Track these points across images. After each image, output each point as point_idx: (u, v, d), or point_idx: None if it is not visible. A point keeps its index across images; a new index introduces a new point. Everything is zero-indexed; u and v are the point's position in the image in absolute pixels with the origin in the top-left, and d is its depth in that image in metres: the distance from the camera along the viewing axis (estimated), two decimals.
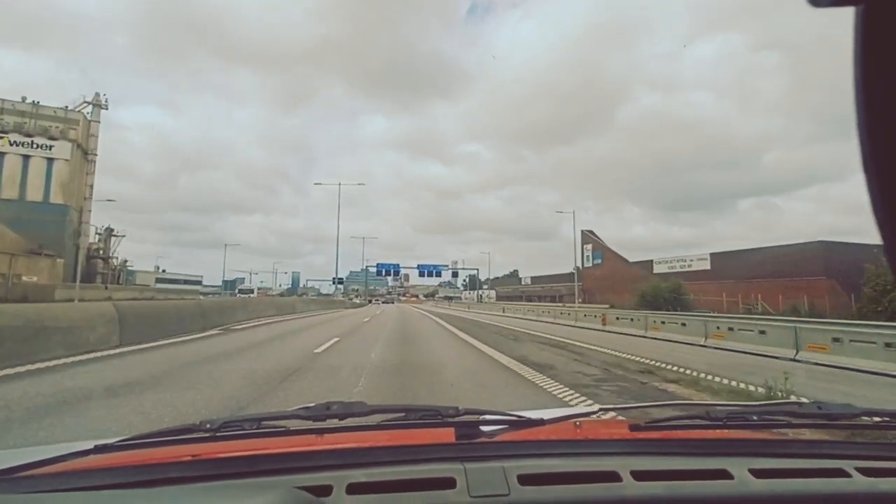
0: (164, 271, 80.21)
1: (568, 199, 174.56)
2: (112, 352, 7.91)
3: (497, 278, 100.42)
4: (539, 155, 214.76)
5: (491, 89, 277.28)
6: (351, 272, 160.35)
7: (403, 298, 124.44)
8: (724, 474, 0.90)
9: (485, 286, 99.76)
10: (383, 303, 77.94)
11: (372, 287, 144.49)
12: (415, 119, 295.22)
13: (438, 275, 68.37)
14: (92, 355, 7.40)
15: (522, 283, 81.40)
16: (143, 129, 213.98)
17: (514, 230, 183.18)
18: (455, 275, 75.27)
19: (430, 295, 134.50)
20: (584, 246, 54.63)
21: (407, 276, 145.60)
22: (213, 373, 6.30)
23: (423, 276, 65.37)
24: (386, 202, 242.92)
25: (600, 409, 1.39)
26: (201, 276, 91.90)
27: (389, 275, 65.42)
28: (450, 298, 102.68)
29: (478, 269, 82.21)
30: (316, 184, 69.25)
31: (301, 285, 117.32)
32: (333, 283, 58.26)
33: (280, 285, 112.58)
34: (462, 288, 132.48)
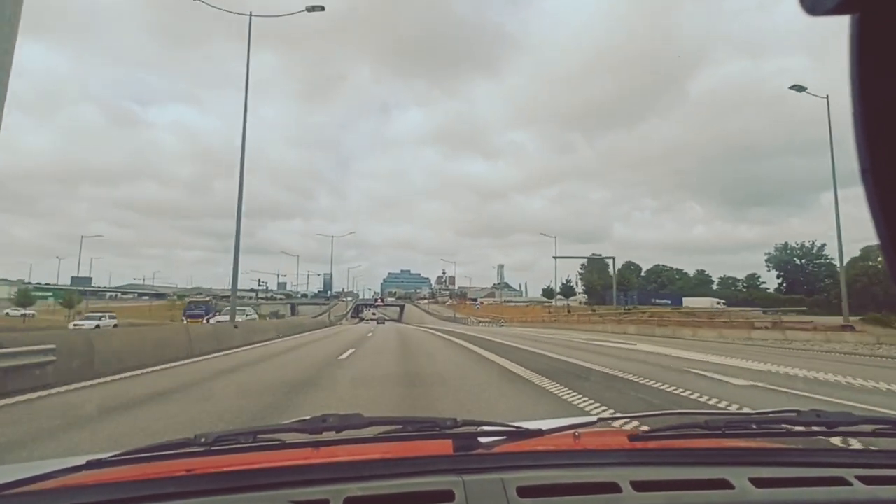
0: None
1: (621, 197, 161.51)
2: None
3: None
4: (591, 144, 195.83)
5: (538, 61, 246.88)
6: (389, 274, 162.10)
7: (422, 304, 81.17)
8: (724, 484, 0.89)
9: None
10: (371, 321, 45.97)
11: (413, 290, 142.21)
12: (453, 104, 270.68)
13: None
14: None
15: None
16: (173, 127, 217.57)
17: (562, 232, 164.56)
18: None
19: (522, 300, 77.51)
20: None
21: (452, 279, 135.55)
22: None
23: None
24: (425, 204, 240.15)
25: (599, 419, 1.36)
26: None
27: None
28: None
29: None
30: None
31: (341, 289, 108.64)
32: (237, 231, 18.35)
33: (317, 289, 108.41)
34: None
